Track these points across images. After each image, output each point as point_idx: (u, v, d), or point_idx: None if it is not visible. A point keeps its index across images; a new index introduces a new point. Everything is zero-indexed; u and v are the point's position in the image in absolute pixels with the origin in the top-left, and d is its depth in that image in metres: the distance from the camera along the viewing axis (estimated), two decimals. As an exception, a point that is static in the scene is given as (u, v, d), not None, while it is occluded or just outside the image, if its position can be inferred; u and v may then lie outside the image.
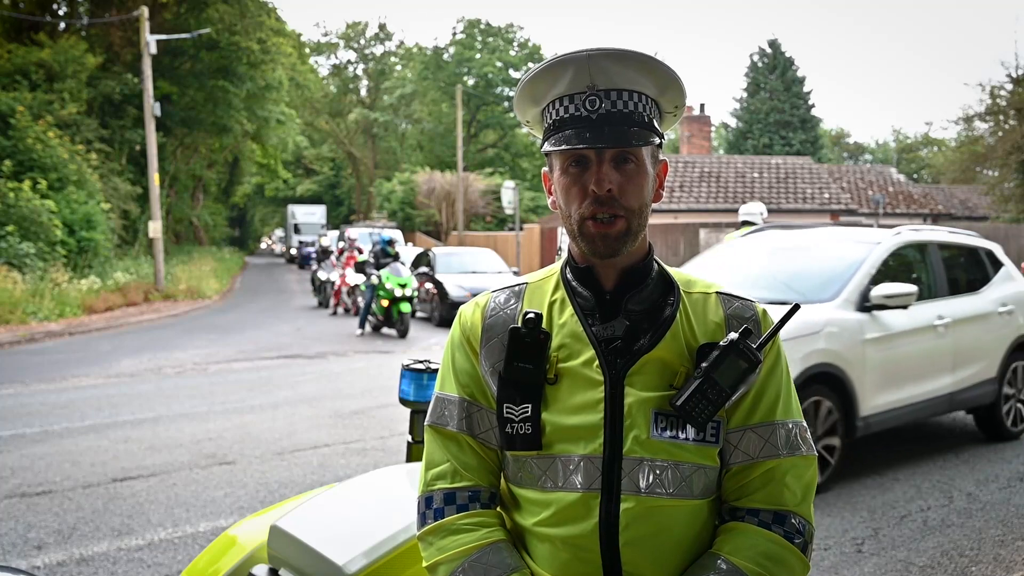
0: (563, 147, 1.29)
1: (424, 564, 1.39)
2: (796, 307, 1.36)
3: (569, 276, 1.40)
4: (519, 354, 1.33)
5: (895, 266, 6.01)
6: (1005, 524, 4.57)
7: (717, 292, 1.41)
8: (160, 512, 4.82)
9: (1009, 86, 25.45)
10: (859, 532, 4.46)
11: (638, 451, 1.29)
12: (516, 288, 1.45)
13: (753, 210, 9.13)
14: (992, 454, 6.02)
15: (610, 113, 1.28)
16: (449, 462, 1.40)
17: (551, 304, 1.39)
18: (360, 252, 16.68)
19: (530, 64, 46.85)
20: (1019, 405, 6.54)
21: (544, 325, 1.34)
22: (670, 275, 1.41)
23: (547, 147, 1.34)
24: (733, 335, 1.30)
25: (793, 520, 1.34)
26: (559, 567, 1.32)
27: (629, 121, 1.29)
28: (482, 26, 49.46)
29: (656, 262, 1.40)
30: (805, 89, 39.55)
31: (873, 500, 5.00)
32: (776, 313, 1.38)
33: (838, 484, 5.29)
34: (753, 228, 9.01)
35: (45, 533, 4.47)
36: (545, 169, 1.42)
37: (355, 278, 16.56)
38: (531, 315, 1.33)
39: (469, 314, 1.44)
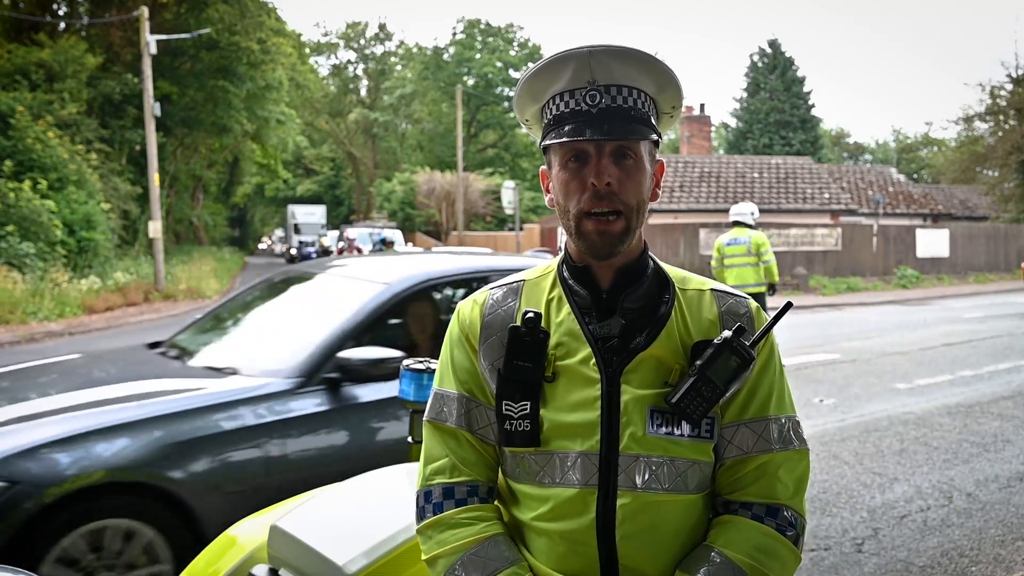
0: (563, 140, 1.30)
1: (423, 557, 1.40)
2: (789, 304, 1.38)
3: (566, 274, 1.41)
4: (518, 353, 1.34)
5: None
6: (1005, 524, 4.58)
7: (712, 289, 1.43)
8: (160, 512, 4.81)
9: (1009, 86, 25.52)
10: (859, 532, 4.46)
11: (634, 448, 1.31)
12: (514, 285, 1.46)
13: (744, 210, 9.05)
14: (992, 454, 6.02)
15: (610, 108, 1.30)
16: (448, 457, 1.42)
17: (548, 302, 1.40)
18: (360, 252, 16.69)
19: (530, 64, 46.84)
20: None
21: (542, 323, 1.36)
22: (665, 272, 1.42)
23: (547, 141, 1.35)
24: (727, 333, 1.32)
25: (785, 513, 1.36)
26: (556, 560, 1.34)
27: (628, 116, 1.30)
28: (482, 26, 49.50)
29: (651, 259, 1.42)
30: (805, 89, 39.57)
31: (873, 500, 5.01)
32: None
33: (838, 484, 5.30)
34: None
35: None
36: (543, 167, 1.43)
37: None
38: (531, 314, 1.34)
39: (467, 311, 1.45)
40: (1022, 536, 4.40)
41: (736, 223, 8.95)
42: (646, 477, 1.31)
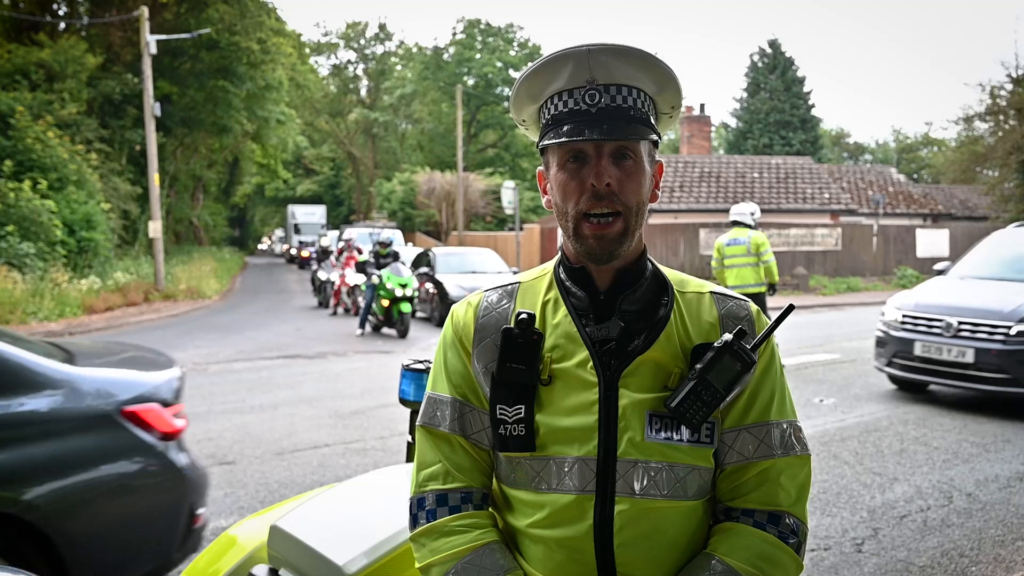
0: (562, 140, 1.28)
1: (417, 565, 1.38)
2: (791, 307, 1.37)
3: (563, 275, 1.39)
4: (512, 355, 1.32)
5: None
6: (1005, 524, 4.57)
7: (711, 292, 1.40)
8: (160, 512, 4.80)
9: (1009, 86, 25.47)
10: (859, 532, 4.46)
11: (633, 453, 1.29)
12: (509, 287, 1.43)
13: (744, 210, 9.10)
14: (992, 454, 6.02)
15: (609, 108, 1.27)
16: (441, 463, 1.39)
17: (544, 304, 1.38)
18: (359, 252, 16.70)
19: (529, 63, 46.90)
20: None
21: (537, 325, 1.34)
22: (664, 275, 1.40)
23: (545, 142, 1.32)
24: (727, 336, 1.29)
25: (787, 520, 1.34)
26: (553, 568, 1.32)
27: (628, 116, 1.28)
28: (482, 26, 49.45)
29: (650, 261, 1.39)
30: (805, 89, 39.53)
31: (873, 500, 5.00)
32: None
33: (838, 484, 5.29)
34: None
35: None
36: (540, 168, 1.40)
37: (355, 278, 16.57)
38: (524, 315, 1.32)
39: (461, 314, 1.43)
40: (1022, 536, 4.40)
41: (736, 223, 8.98)
42: (644, 483, 1.28)
